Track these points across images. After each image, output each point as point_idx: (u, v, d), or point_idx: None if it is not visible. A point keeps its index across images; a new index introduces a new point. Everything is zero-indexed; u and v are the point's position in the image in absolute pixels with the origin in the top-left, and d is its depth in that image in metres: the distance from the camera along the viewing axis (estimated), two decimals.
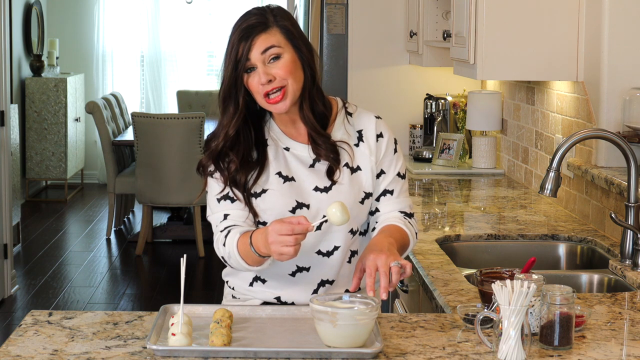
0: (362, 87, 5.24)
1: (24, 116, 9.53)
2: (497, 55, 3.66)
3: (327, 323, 2.05)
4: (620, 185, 3.04)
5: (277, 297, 2.44)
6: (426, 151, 4.99)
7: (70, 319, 2.27)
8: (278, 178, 2.39)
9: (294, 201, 2.37)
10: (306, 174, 2.40)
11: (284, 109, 2.34)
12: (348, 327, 2.04)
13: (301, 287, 2.42)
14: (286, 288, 2.43)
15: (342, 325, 2.04)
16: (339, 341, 2.05)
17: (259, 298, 2.46)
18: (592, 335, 2.19)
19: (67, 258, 7.44)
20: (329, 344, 2.06)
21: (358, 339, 2.05)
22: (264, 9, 2.38)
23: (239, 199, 2.38)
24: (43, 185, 10.23)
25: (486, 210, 3.81)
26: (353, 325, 2.04)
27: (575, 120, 3.64)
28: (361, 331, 2.05)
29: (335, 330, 2.04)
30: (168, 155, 7.24)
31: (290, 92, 2.33)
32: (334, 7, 5.26)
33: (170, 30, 10.67)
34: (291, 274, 2.41)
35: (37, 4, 10.00)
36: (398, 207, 2.48)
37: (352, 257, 2.44)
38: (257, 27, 2.32)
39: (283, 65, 2.31)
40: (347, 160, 2.42)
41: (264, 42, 2.31)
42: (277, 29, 2.33)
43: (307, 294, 2.40)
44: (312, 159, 2.41)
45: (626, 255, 2.83)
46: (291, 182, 2.39)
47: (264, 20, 2.33)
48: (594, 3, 3.44)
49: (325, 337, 2.07)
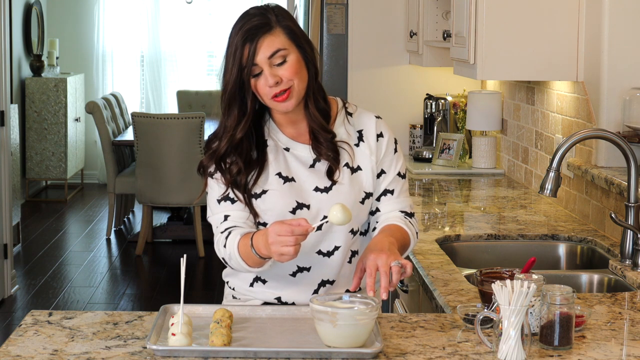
0: (362, 87, 5.24)
1: (24, 116, 9.54)
2: (497, 55, 3.66)
3: (327, 323, 2.05)
4: (620, 185, 3.04)
5: (277, 297, 2.44)
6: (426, 151, 4.99)
7: (70, 319, 2.27)
8: (278, 179, 2.39)
9: (294, 201, 2.37)
10: (306, 175, 2.40)
11: (290, 107, 2.34)
12: (348, 327, 2.04)
13: (302, 288, 2.42)
14: (287, 288, 2.43)
15: (342, 325, 2.04)
16: (339, 341, 2.05)
17: (260, 299, 2.46)
18: (592, 335, 2.19)
19: (67, 258, 7.44)
20: (329, 344, 2.06)
21: (358, 339, 2.05)
22: (265, 9, 2.37)
23: (239, 200, 2.38)
24: (43, 185, 10.23)
25: (486, 210, 3.81)
26: (353, 325, 2.04)
27: (575, 120, 3.64)
28: (361, 331, 2.05)
29: (335, 330, 2.04)
30: (168, 155, 7.25)
31: (297, 92, 2.33)
32: (334, 7, 5.26)
33: (170, 30, 10.67)
34: (292, 274, 2.41)
35: (37, 4, 10.00)
36: (399, 206, 2.48)
37: (352, 257, 2.44)
38: (261, 29, 2.31)
39: (289, 67, 2.32)
40: (347, 160, 2.42)
41: (270, 46, 2.30)
42: (280, 30, 2.33)
43: (308, 294, 2.40)
44: (313, 159, 2.41)
45: (626, 255, 2.83)
46: (291, 182, 2.39)
47: (267, 21, 2.33)
48: (594, 3, 3.44)
49: (325, 337, 2.07)
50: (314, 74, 2.38)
